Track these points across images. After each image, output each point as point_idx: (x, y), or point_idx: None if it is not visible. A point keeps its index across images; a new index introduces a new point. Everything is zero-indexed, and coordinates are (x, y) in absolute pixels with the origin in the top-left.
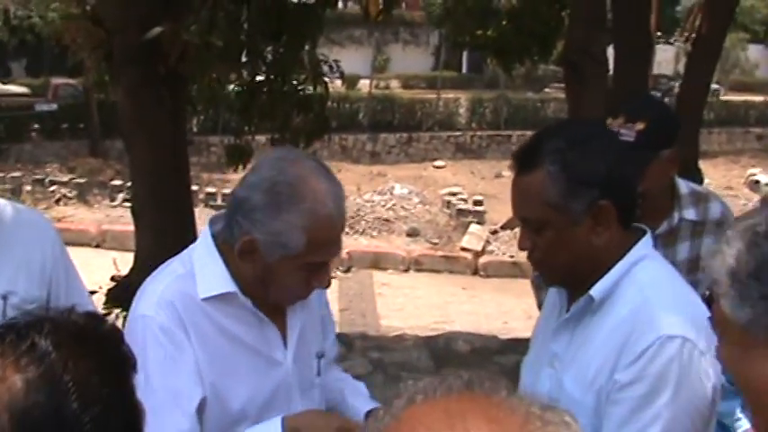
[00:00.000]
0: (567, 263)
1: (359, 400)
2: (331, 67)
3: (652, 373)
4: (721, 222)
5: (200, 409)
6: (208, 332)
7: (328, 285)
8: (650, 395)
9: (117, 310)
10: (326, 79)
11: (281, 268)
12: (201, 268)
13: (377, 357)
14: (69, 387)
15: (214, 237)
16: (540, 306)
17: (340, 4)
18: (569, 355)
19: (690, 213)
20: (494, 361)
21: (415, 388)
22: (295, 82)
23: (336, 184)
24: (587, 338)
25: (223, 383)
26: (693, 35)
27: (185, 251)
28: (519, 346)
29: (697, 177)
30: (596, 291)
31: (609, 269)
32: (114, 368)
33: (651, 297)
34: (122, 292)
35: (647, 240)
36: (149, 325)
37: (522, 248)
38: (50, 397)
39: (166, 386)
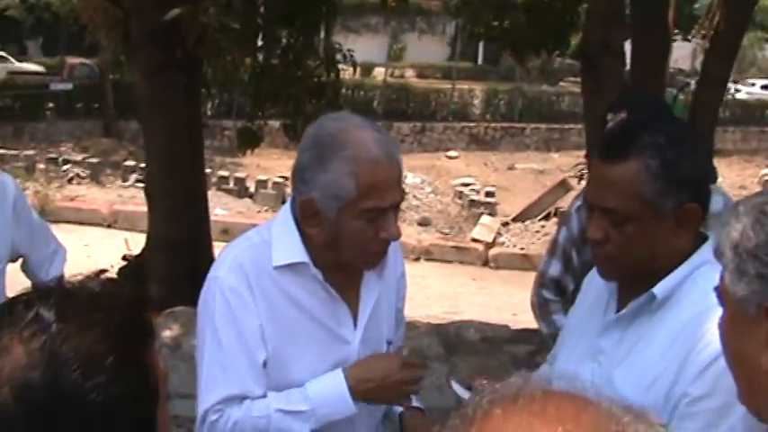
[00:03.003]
0: (639, 260)
1: None
2: (345, 56)
3: (725, 387)
4: None
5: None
6: (276, 299)
7: (399, 235)
8: (725, 408)
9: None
10: (340, 66)
11: (343, 221)
12: (278, 238)
13: None
14: (69, 358)
15: (293, 211)
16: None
17: None
18: (620, 352)
19: None
20: (504, 350)
21: (490, 396)
22: (309, 68)
23: (382, 133)
24: (643, 338)
25: (285, 350)
26: (711, 32)
27: (265, 223)
28: (530, 337)
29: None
30: (659, 290)
31: (671, 270)
32: (124, 337)
33: (715, 304)
34: (133, 272)
35: (709, 245)
36: (219, 285)
37: (592, 238)
38: (49, 368)
39: (233, 343)
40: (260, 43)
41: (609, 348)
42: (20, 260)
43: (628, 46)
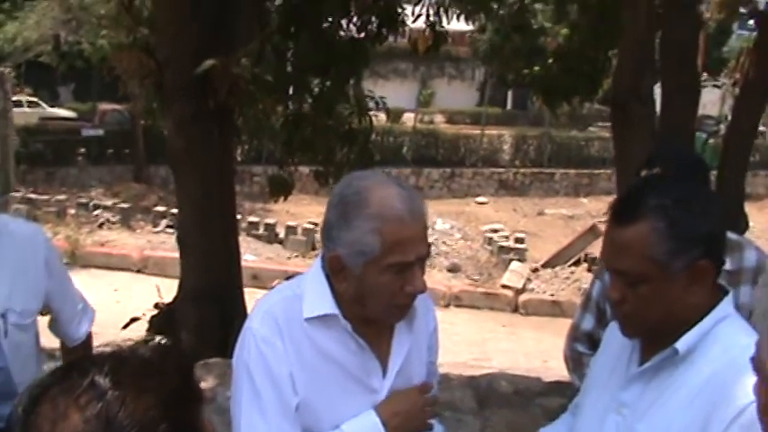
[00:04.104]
0: (657, 318)
1: None
2: (377, 103)
3: None
4: (759, 270)
5: None
6: (306, 350)
7: (424, 288)
8: None
9: (158, 338)
10: (372, 113)
11: (369, 276)
12: (309, 291)
13: None
14: (125, 425)
15: (323, 265)
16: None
17: (389, 38)
18: (643, 406)
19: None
20: (536, 403)
21: None
22: (341, 115)
23: (407, 189)
24: (666, 392)
25: (315, 399)
26: (741, 78)
27: (298, 277)
28: (563, 389)
29: (742, 221)
30: (682, 344)
31: (693, 324)
32: (176, 402)
33: (737, 358)
34: (165, 320)
35: (729, 299)
36: (254, 336)
37: (612, 299)
38: None
39: (269, 390)
40: (291, 91)
41: (632, 401)
42: (47, 318)
43: (657, 91)
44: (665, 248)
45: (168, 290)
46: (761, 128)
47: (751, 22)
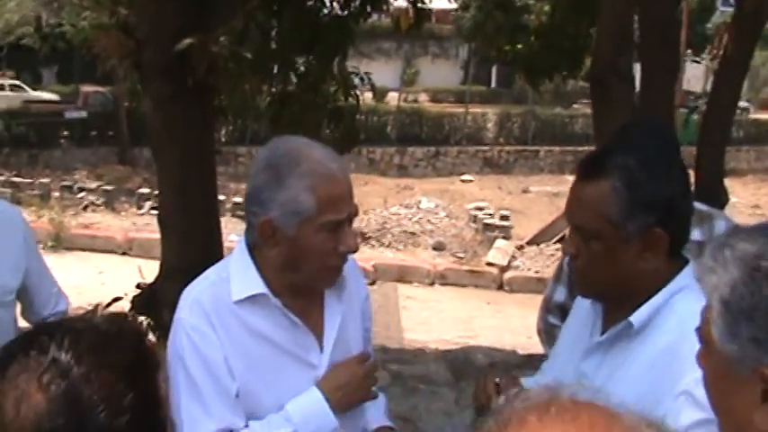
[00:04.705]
0: (606, 279)
1: (372, 411)
2: (362, 78)
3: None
4: None
5: None
6: (239, 334)
7: (356, 248)
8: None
9: (141, 318)
10: (357, 91)
11: (303, 237)
12: (235, 273)
13: (396, 370)
14: (94, 401)
15: (248, 245)
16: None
17: (373, 17)
18: (601, 377)
19: (694, 234)
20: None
21: (523, 404)
22: (326, 93)
23: (330, 149)
24: (621, 365)
25: (254, 383)
26: (720, 53)
27: (223, 260)
28: (539, 362)
29: (722, 196)
30: (636, 318)
31: (649, 296)
32: (137, 372)
33: (690, 330)
34: (147, 300)
35: (689, 270)
36: (184, 326)
37: (567, 253)
38: (74, 414)
39: (206, 380)
40: (275, 70)
41: (591, 372)
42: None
43: (637, 68)
44: (620, 208)
45: (153, 271)
46: (744, 104)
47: None
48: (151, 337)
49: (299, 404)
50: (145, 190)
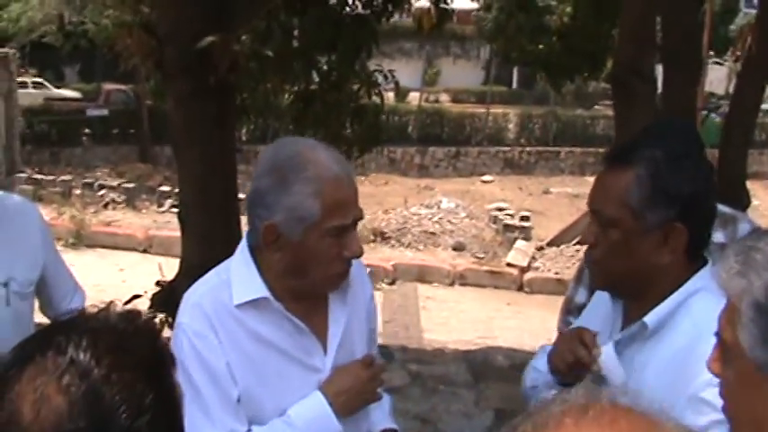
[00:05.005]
0: (621, 270)
1: (377, 413)
2: (386, 76)
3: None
4: None
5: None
6: (241, 338)
7: (361, 253)
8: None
9: (161, 315)
10: (381, 88)
11: (307, 243)
12: (237, 276)
13: (416, 370)
14: (115, 402)
15: (249, 246)
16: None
17: (394, 17)
18: None
19: (717, 236)
20: None
21: (560, 406)
22: (350, 91)
23: (335, 152)
24: (637, 366)
25: (257, 388)
26: (743, 56)
27: (224, 262)
28: None
29: (744, 198)
30: (651, 319)
31: (666, 296)
32: (156, 370)
33: (705, 333)
34: (167, 298)
35: (706, 271)
36: (185, 331)
37: (585, 242)
38: (97, 416)
39: (207, 385)
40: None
41: None
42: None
43: (660, 69)
44: (641, 197)
45: (173, 268)
46: (767, 106)
47: None
48: (167, 333)
49: (301, 408)
50: (166, 188)
